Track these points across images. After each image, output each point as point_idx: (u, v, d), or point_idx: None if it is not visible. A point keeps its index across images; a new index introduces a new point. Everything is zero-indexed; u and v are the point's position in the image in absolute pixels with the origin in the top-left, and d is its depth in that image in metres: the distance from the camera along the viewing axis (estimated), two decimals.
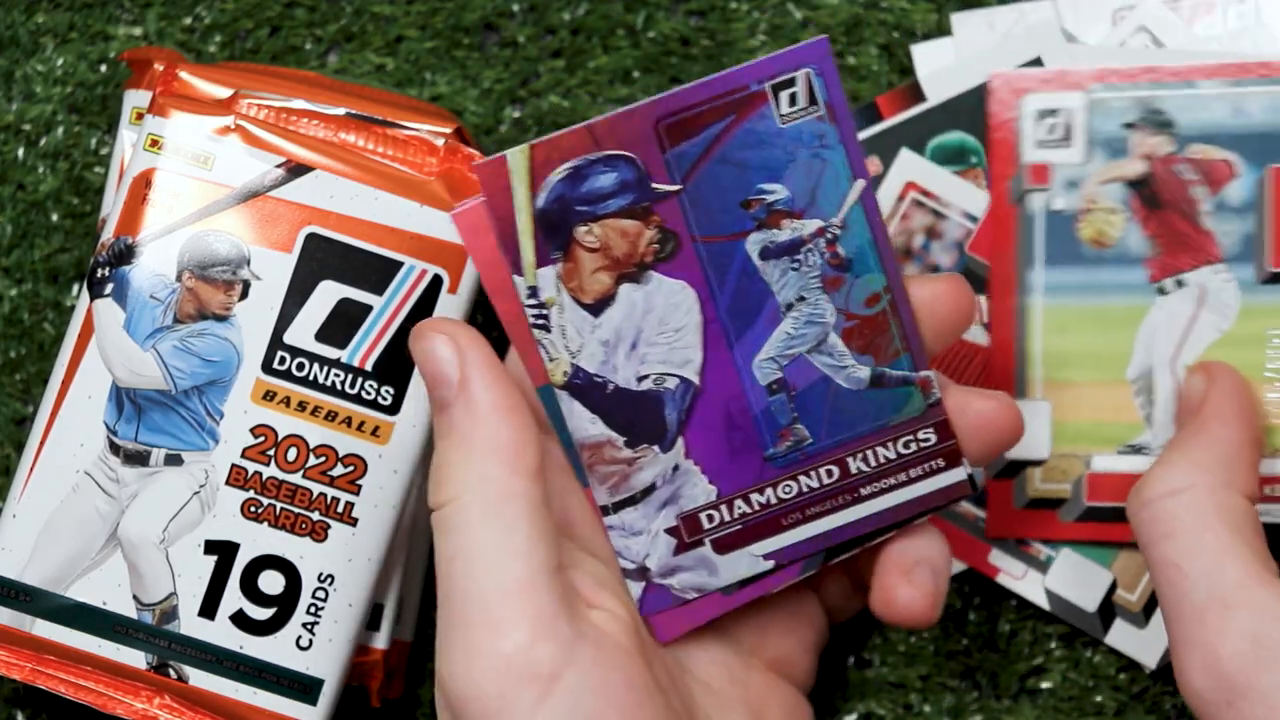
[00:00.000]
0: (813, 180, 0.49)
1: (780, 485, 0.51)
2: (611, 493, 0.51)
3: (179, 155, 0.54)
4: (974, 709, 0.60)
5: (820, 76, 0.49)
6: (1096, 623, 0.58)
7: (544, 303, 0.49)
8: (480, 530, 0.47)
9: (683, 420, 0.51)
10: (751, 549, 0.51)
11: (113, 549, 0.55)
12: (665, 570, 0.51)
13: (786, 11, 0.62)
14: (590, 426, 0.50)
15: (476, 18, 0.62)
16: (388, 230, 0.55)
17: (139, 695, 0.55)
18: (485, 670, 0.46)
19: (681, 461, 0.51)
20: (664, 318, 0.50)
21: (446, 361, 0.48)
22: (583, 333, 0.50)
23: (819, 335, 0.50)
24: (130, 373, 0.55)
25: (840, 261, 0.50)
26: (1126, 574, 0.58)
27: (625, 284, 0.50)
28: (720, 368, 0.50)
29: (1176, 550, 0.49)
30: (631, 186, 0.49)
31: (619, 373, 0.50)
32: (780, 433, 0.51)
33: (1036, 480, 0.58)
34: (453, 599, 0.47)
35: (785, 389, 0.51)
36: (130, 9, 0.63)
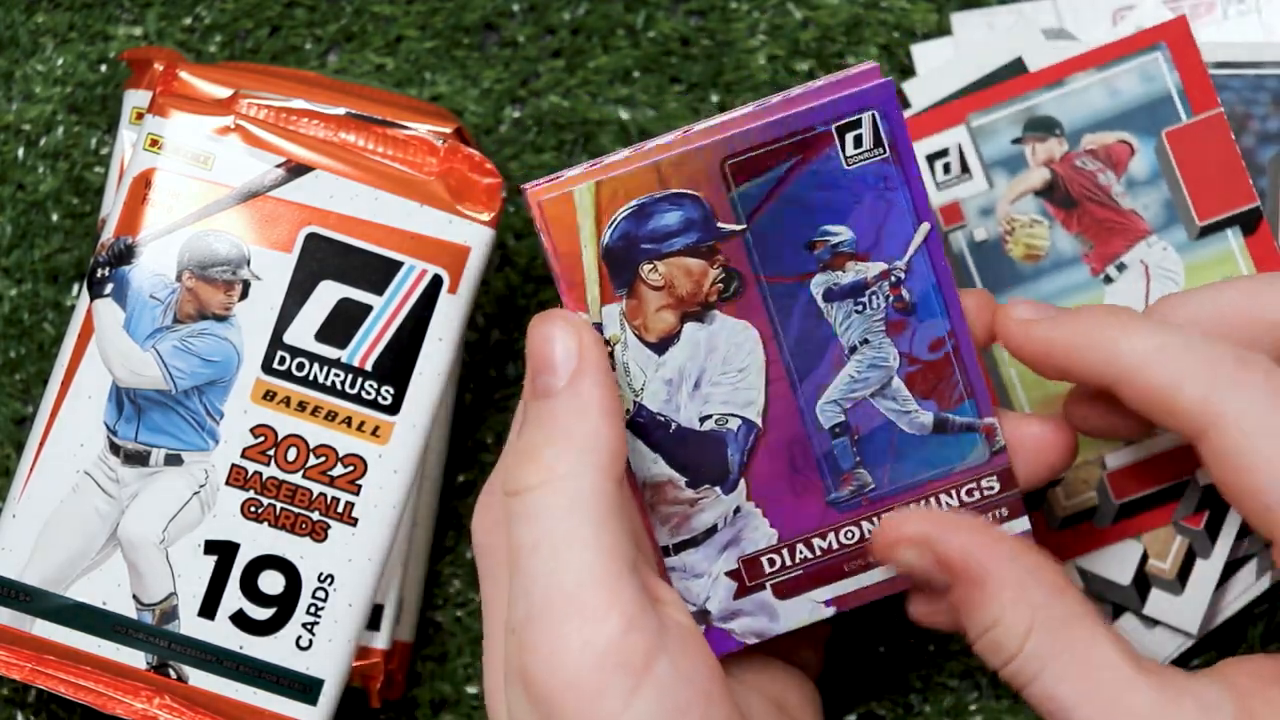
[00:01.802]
0: (877, 222, 0.49)
1: (842, 530, 0.51)
2: (673, 533, 0.51)
3: (179, 155, 0.54)
4: (974, 709, 0.60)
5: (885, 119, 0.49)
6: (1133, 595, 0.58)
7: (608, 340, 0.49)
8: (568, 520, 0.47)
9: (745, 462, 0.50)
10: (813, 595, 0.51)
11: (113, 549, 0.55)
12: (726, 614, 0.52)
13: (786, 11, 0.62)
14: (652, 466, 0.50)
15: (476, 18, 0.62)
16: (388, 230, 0.55)
17: (139, 695, 0.55)
18: (581, 660, 0.46)
19: (743, 504, 0.51)
20: (727, 357, 0.50)
21: (567, 351, 0.48)
22: (646, 371, 0.50)
23: (882, 379, 0.50)
24: (130, 373, 0.55)
25: (904, 305, 0.50)
26: (1156, 543, 0.58)
27: (689, 323, 0.50)
28: (783, 409, 0.50)
29: None
30: (697, 225, 0.49)
31: (682, 412, 0.50)
32: (843, 477, 0.51)
33: (1061, 499, 0.58)
34: (536, 588, 0.47)
35: (848, 433, 0.50)
36: (130, 9, 0.63)
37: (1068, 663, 0.47)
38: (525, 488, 0.47)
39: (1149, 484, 0.58)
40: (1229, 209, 0.56)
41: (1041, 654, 0.47)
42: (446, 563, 0.61)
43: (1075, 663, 0.47)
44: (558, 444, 0.47)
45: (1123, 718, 0.47)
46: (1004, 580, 0.48)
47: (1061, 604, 0.48)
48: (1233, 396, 0.47)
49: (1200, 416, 0.47)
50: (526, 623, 0.47)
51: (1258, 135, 0.58)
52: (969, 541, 0.48)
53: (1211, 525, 0.58)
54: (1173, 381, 0.48)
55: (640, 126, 0.62)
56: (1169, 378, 0.48)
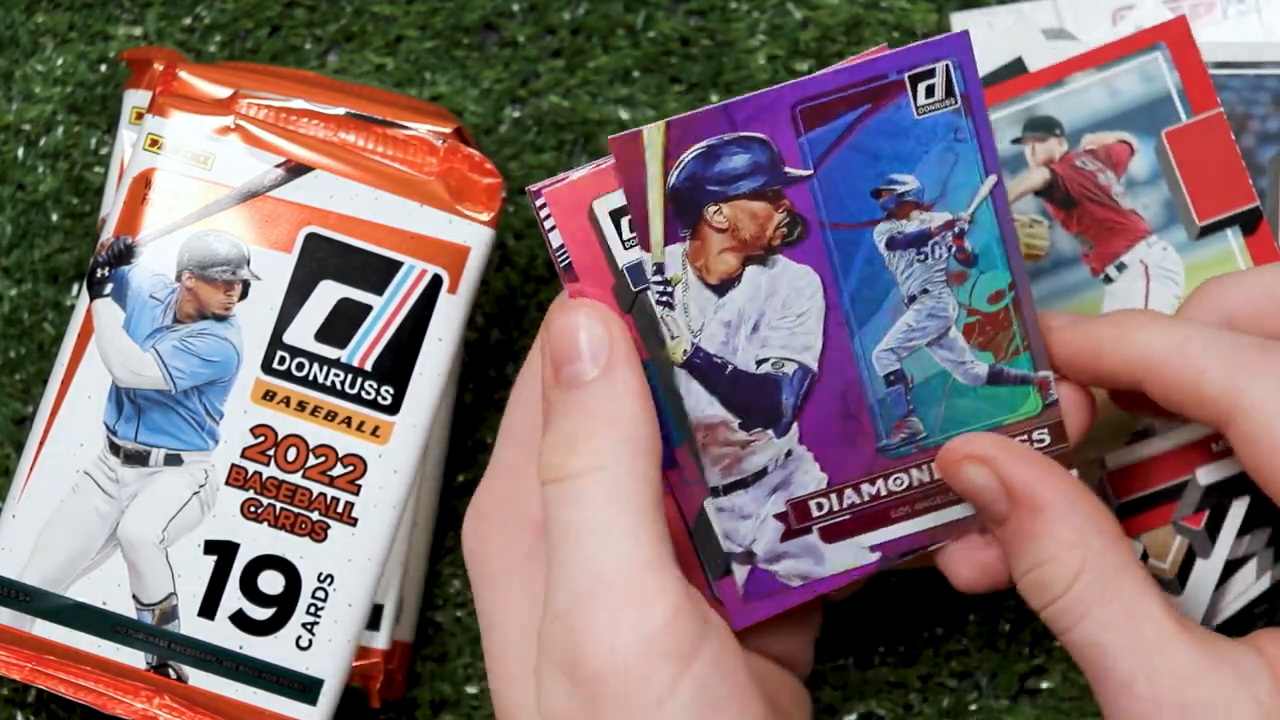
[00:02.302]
0: (944, 173, 0.49)
1: (892, 477, 0.51)
2: (723, 474, 0.51)
3: (179, 155, 0.54)
4: (973, 708, 0.60)
5: (960, 69, 0.49)
6: None
7: (669, 280, 0.49)
8: (615, 505, 0.47)
9: (799, 405, 0.50)
10: (859, 540, 0.51)
11: (113, 549, 0.55)
12: (771, 556, 0.51)
13: (786, 11, 0.62)
14: (707, 407, 0.50)
15: (476, 18, 0.62)
16: (388, 230, 0.55)
17: (139, 695, 0.55)
18: (632, 644, 0.46)
19: (795, 447, 0.51)
20: (787, 302, 0.50)
21: (595, 339, 0.48)
22: (705, 312, 0.50)
23: (940, 329, 0.50)
24: (130, 373, 0.55)
25: (966, 256, 0.50)
26: (1156, 543, 0.58)
27: (751, 266, 0.50)
28: (839, 355, 0.50)
29: None
30: (764, 169, 0.49)
31: (739, 355, 0.50)
32: (895, 424, 0.51)
33: None
34: (586, 573, 0.47)
35: (903, 381, 0.50)
36: (130, 9, 0.63)
37: (1114, 612, 0.47)
38: (569, 474, 0.47)
39: (1149, 484, 0.58)
40: (1229, 209, 0.56)
41: (1088, 599, 0.48)
42: (446, 563, 0.61)
43: (1121, 613, 0.47)
44: (599, 431, 0.48)
45: (1163, 674, 0.47)
46: (1062, 518, 0.48)
47: (1115, 553, 0.48)
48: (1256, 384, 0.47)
49: (1225, 404, 0.48)
50: (574, 607, 0.47)
51: (1258, 135, 0.58)
52: (1036, 471, 0.49)
53: (1211, 525, 0.58)
54: (1196, 373, 0.48)
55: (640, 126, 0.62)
56: (1193, 370, 0.48)
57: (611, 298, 0.49)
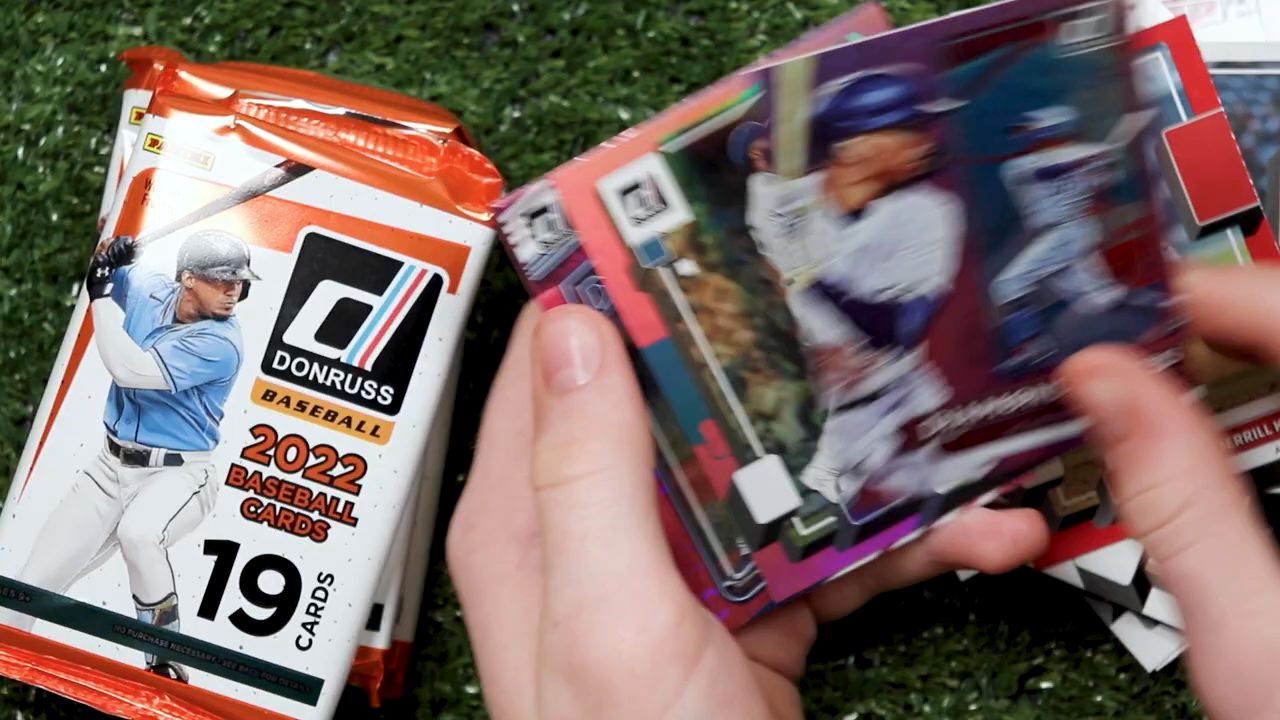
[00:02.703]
0: (1086, 110, 0.50)
1: (1008, 397, 0.51)
2: (840, 396, 0.51)
3: (179, 155, 0.54)
4: (974, 709, 0.60)
5: (1109, 9, 0.49)
6: (1133, 595, 0.58)
7: (799, 209, 0.50)
8: (615, 508, 0.47)
9: (921, 331, 0.51)
10: (972, 456, 0.52)
11: (112, 549, 0.55)
12: (883, 473, 0.52)
13: (786, 11, 0.62)
14: (829, 330, 0.50)
15: (476, 18, 0.62)
16: (388, 230, 0.55)
17: (139, 695, 0.55)
18: (638, 648, 0.46)
19: (914, 370, 0.51)
20: (917, 232, 0.50)
21: (587, 344, 0.48)
22: (834, 240, 0.50)
23: (1070, 259, 0.50)
24: (130, 373, 0.55)
25: (1103, 190, 0.50)
26: None
27: (886, 197, 0.50)
28: (966, 283, 0.50)
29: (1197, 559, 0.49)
30: (904, 103, 0.49)
31: (865, 282, 0.50)
32: (1016, 349, 0.51)
33: (1061, 499, 0.58)
34: (588, 577, 0.46)
35: (1028, 308, 0.51)
36: (130, 9, 0.63)
37: (1216, 547, 0.47)
38: (566, 479, 0.47)
39: None
40: (1229, 209, 0.56)
41: (1193, 530, 0.47)
42: (446, 563, 0.61)
43: (1223, 549, 0.47)
44: (596, 436, 0.48)
45: (1257, 615, 0.47)
46: (1180, 445, 0.48)
47: (1225, 490, 0.48)
48: None
49: None
50: (577, 611, 0.46)
51: (1258, 135, 0.58)
52: (1161, 395, 0.48)
53: None
54: None
55: None
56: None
57: (626, 276, 0.50)
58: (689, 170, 0.50)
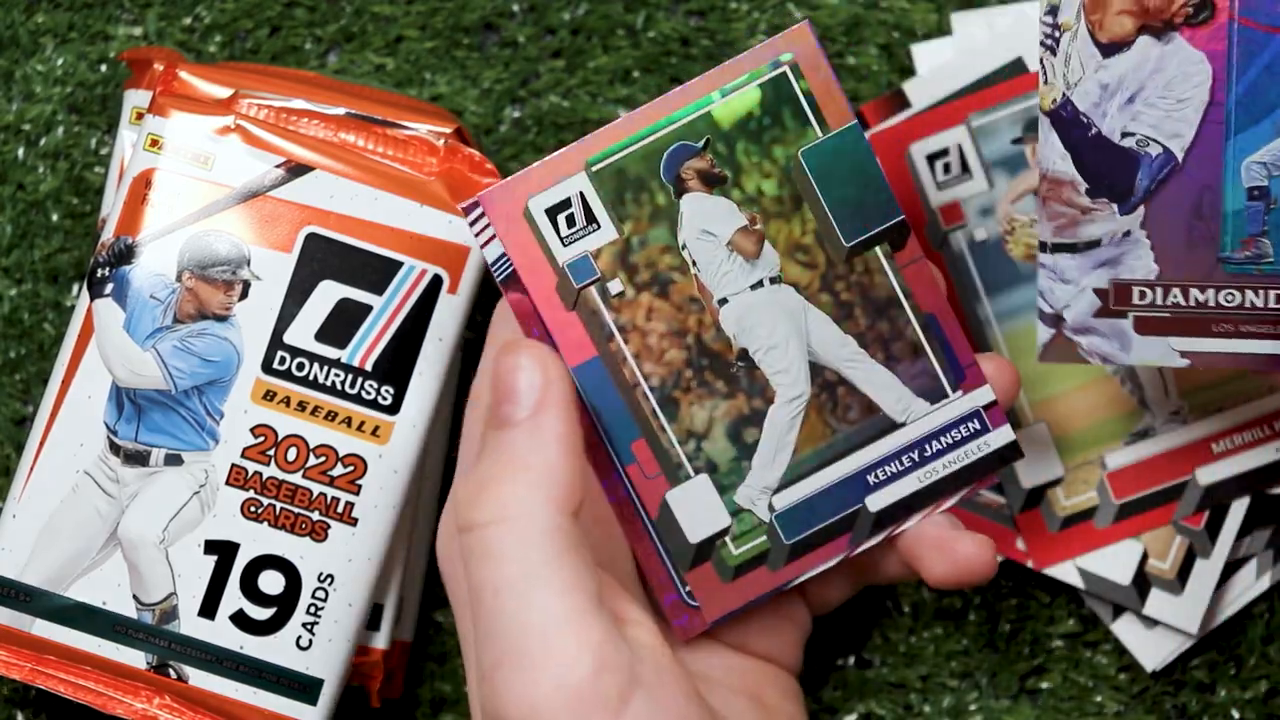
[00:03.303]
0: None
1: (1224, 291, 0.50)
2: (1056, 233, 0.50)
3: (179, 155, 0.54)
4: (974, 709, 0.60)
5: None
6: (1133, 594, 0.58)
7: (1059, 25, 0.49)
8: (525, 560, 0.46)
9: (1151, 190, 0.49)
10: (1171, 341, 0.50)
11: (113, 549, 0.55)
12: (1081, 328, 0.51)
13: (786, 11, 0.62)
14: (1060, 161, 0.49)
15: (476, 18, 0.62)
16: (388, 230, 0.55)
17: (139, 695, 0.55)
18: (556, 704, 0.45)
19: (1135, 229, 0.50)
20: (1171, 83, 0.49)
21: (529, 383, 0.48)
22: (1086, 67, 0.49)
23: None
24: (130, 373, 0.55)
25: None
26: (1157, 543, 0.58)
27: (1146, 35, 0.49)
28: (1208, 154, 0.49)
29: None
30: None
31: (1106, 120, 0.49)
32: (1245, 240, 0.49)
33: (1061, 499, 0.58)
34: (503, 631, 0.46)
35: (1266, 198, 0.49)
36: (130, 9, 0.63)
37: None
38: (479, 524, 0.47)
39: (1149, 484, 0.58)
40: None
41: None
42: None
43: None
44: (513, 478, 0.47)
45: None
46: None
47: None
48: None
49: None
50: (495, 668, 0.46)
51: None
52: None
53: (1211, 525, 0.58)
54: None
55: None
56: None
57: (555, 296, 0.49)
58: (618, 189, 0.49)
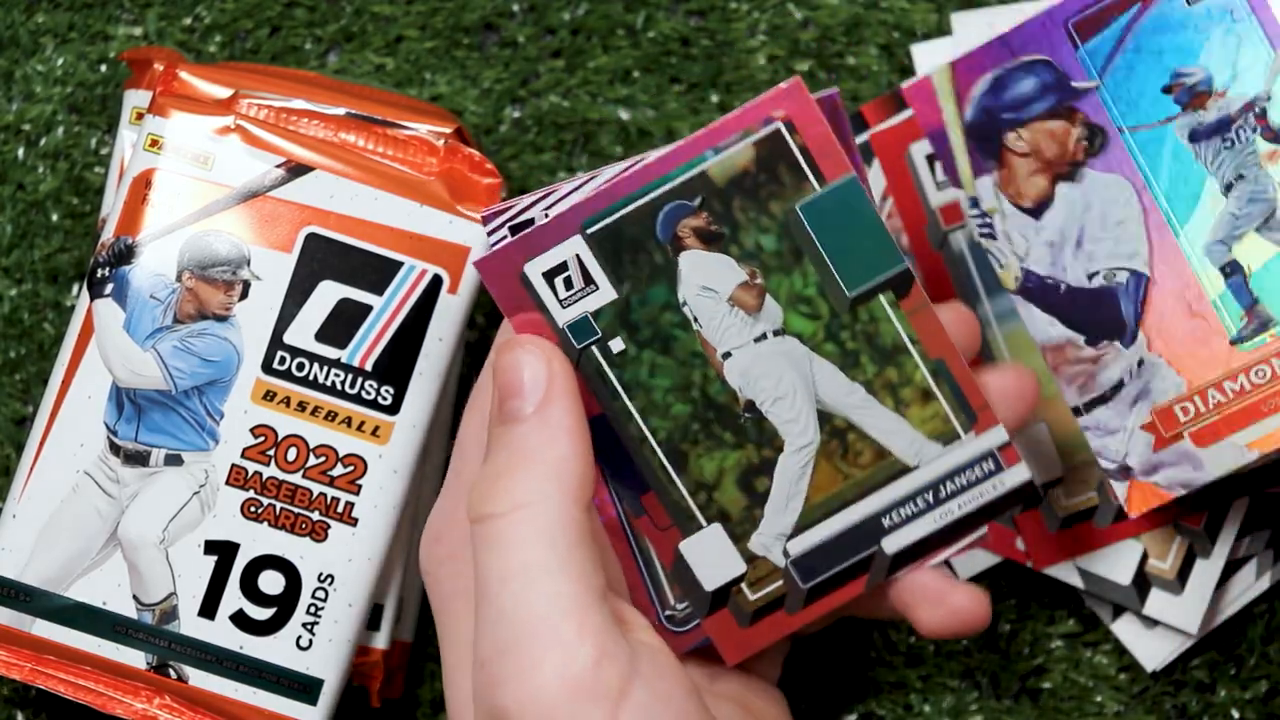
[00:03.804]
0: (1230, 56, 0.50)
1: (1253, 370, 0.50)
2: (1081, 393, 0.51)
3: (179, 155, 0.54)
4: (974, 709, 0.60)
5: None
6: (1133, 594, 0.58)
7: (986, 212, 0.50)
8: (536, 549, 0.46)
9: (1140, 312, 0.51)
10: (1234, 439, 0.51)
11: (113, 549, 0.55)
12: (1148, 468, 0.52)
13: (786, 11, 0.62)
14: (1049, 328, 0.51)
15: (476, 18, 0.62)
16: (388, 230, 0.55)
17: (139, 695, 0.55)
18: (555, 691, 0.45)
19: (1145, 355, 0.51)
20: (1104, 212, 0.50)
21: (534, 376, 0.48)
22: (1027, 236, 0.50)
23: (1265, 211, 0.50)
24: (130, 373, 0.55)
25: (1274, 133, 0.50)
26: (1156, 543, 0.58)
27: (1061, 184, 0.51)
28: (1169, 256, 0.50)
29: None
30: (1052, 88, 0.50)
31: (1069, 271, 0.51)
32: (1243, 315, 0.50)
33: (1061, 499, 0.58)
34: (507, 620, 0.46)
35: (1240, 270, 0.50)
36: (130, 9, 0.63)
37: None
38: (492, 514, 0.47)
39: None
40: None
41: None
42: None
43: None
44: (526, 470, 0.47)
45: None
46: None
47: None
48: None
49: None
50: (497, 655, 0.46)
51: None
52: None
53: (1211, 525, 0.58)
54: None
55: (640, 126, 0.62)
56: None
57: None
58: (615, 250, 0.49)
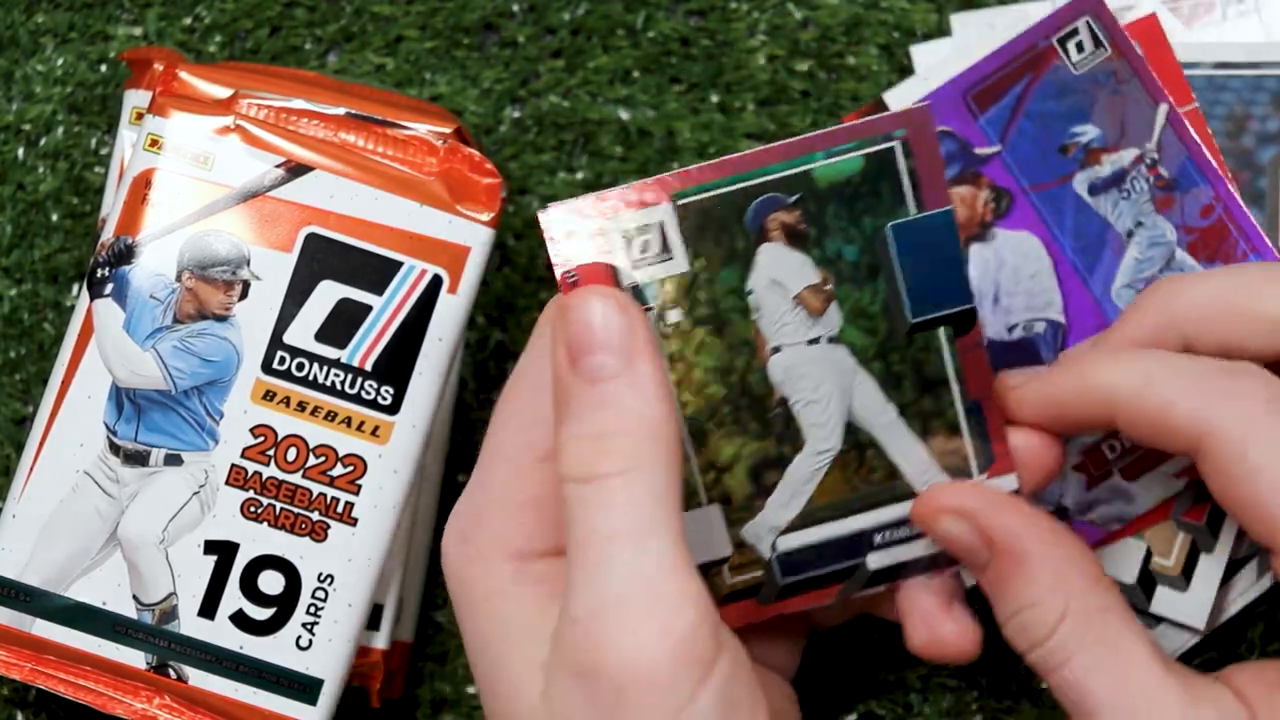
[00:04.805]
0: (1118, 114, 0.53)
1: None
2: None
3: (179, 155, 0.55)
4: (974, 709, 0.60)
5: (1098, 20, 0.53)
6: (1138, 593, 0.58)
7: None
8: (647, 508, 0.46)
9: None
10: (1162, 469, 0.54)
11: (113, 549, 0.55)
12: (1082, 506, 0.54)
13: (786, 11, 0.62)
14: None
15: (476, 18, 0.62)
16: (388, 230, 0.55)
17: (139, 695, 0.55)
18: (660, 651, 0.45)
19: None
20: (1017, 267, 0.54)
21: (619, 329, 0.46)
22: None
23: (1166, 254, 0.53)
24: (130, 373, 0.55)
25: (1165, 182, 0.53)
26: (1160, 540, 0.58)
27: (973, 244, 0.54)
28: (1081, 303, 0.53)
29: None
30: (957, 156, 0.54)
31: (990, 327, 0.54)
32: None
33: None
34: (610, 577, 0.45)
35: None
36: (130, 9, 0.63)
37: (1099, 655, 0.47)
38: (600, 475, 0.46)
39: None
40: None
41: (1072, 642, 0.48)
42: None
43: (1106, 655, 0.47)
44: (629, 432, 0.46)
45: (1150, 716, 0.47)
46: (1043, 563, 0.48)
47: (1097, 595, 0.48)
48: (1223, 408, 0.47)
49: (1194, 432, 0.48)
50: (598, 612, 0.45)
51: (1258, 135, 0.58)
52: (1011, 521, 0.49)
53: (1213, 519, 0.58)
54: (1163, 405, 0.48)
55: (640, 126, 0.62)
56: (1159, 402, 0.48)
57: None
58: (700, 226, 0.49)
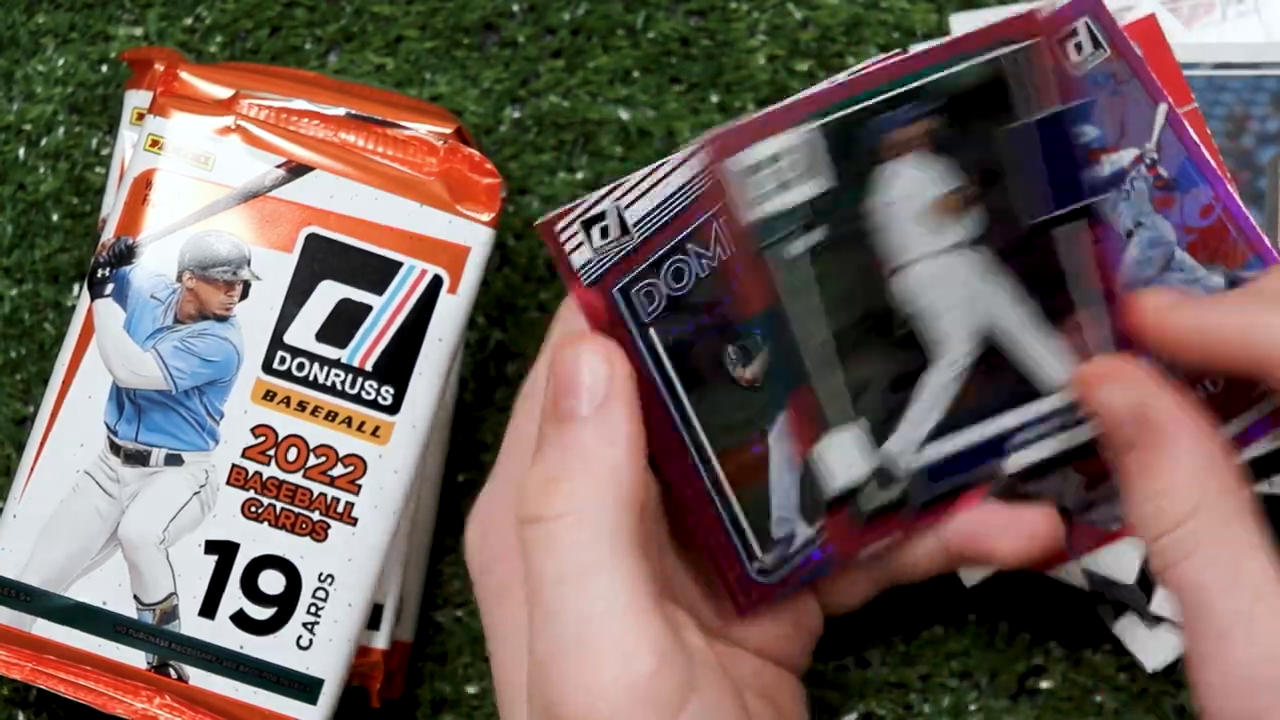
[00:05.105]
0: (1118, 115, 0.53)
1: None
2: None
3: (179, 155, 0.55)
4: (974, 709, 0.60)
5: (1097, 20, 0.53)
6: (1138, 593, 0.58)
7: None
8: (592, 552, 0.46)
9: None
10: None
11: (113, 549, 0.55)
12: (1081, 507, 0.55)
13: (786, 11, 0.62)
14: None
15: (476, 18, 0.62)
16: (388, 230, 0.55)
17: (139, 695, 0.55)
18: (614, 698, 0.45)
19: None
20: None
21: (596, 376, 0.47)
22: None
23: (1166, 254, 0.53)
24: (130, 373, 0.55)
25: (1165, 182, 0.53)
26: None
27: None
28: None
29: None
30: None
31: None
32: None
33: None
34: (562, 621, 0.45)
35: None
36: (131, 9, 0.63)
37: (1220, 555, 0.47)
38: (545, 516, 0.46)
39: None
40: None
41: (1197, 537, 0.47)
42: (446, 563, 0.61)
43: (1227, 557, 0.47)
44: (581, 474, 0.46)
45: (1262, 622, 0.47)
46: (1187, 453, 0.48)
47: (1232, 498, 0.48)
48: None
49: None
50: (554, 657, 0.45)
51: (1257, 136, 0.58)
52: (1171, 404, 0.49)
53: None
54: None
55: (640, 126, 0.62)
56: None
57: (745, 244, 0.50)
58: (831, 147, 0.50)
